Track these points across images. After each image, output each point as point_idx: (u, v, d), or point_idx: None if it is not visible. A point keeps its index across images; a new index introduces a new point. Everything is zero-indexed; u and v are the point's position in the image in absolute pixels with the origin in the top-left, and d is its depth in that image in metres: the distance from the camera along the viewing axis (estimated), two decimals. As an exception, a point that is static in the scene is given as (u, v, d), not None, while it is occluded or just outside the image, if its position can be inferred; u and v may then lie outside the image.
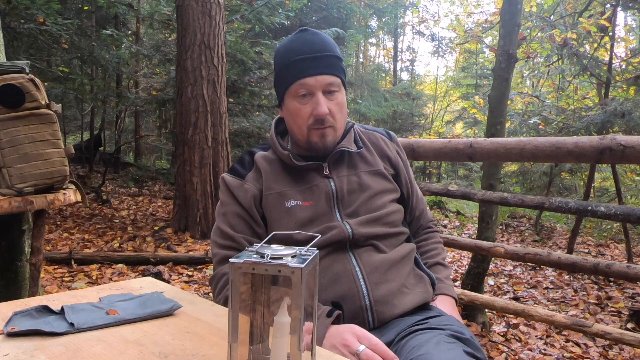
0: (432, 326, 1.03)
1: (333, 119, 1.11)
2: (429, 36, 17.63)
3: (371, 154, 1.22)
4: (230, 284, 0.63)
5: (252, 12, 7.30)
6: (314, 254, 0.66)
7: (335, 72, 1.11)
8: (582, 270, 2.13)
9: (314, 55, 1.09)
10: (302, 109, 1.10)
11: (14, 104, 1.88)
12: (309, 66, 1.08)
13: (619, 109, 4.81)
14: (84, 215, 6.38)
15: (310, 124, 1.10)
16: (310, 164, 1.15)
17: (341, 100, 1.13)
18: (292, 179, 1.15)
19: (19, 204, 1.85)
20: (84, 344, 0.78)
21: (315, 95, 1.09)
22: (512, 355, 2.63)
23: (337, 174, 1.16)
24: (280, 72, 1.13)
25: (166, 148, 11.85)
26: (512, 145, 2.12)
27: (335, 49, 1.13)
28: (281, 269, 0.60)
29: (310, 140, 1.12)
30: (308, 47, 1.09)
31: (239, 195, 1.14)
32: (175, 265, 4.32)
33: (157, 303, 0.95)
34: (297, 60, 1.09)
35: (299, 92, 1.10)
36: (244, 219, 1.14)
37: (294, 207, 1.12)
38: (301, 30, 1.14)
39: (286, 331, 0.62)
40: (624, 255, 5.07)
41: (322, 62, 1.09)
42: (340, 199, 1.14)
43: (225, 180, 1.18)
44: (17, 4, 5.44)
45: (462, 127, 13.60)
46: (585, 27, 5.23)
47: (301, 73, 1.08)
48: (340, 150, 1.16)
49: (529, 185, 7.71)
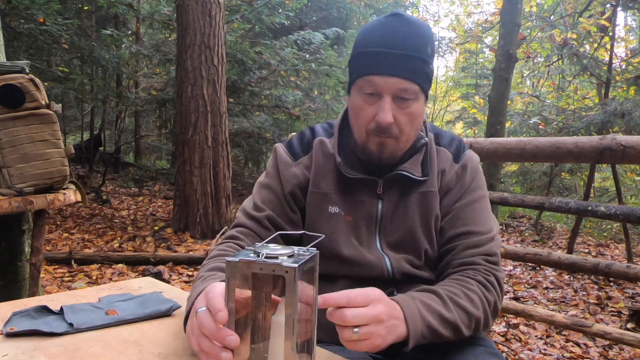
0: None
1: (399, 130, 0.94)
2: (429, 36, 17.61)
3: (433, 179, 1.03)
4: (226, 281, 0.63)
5: (252, 12, 7.30)
6: (312, 254, 0.65)
7: (412, 77, 0.91)
8: (582, 270, 2.13)
9: (393, 52, 0.90)
10: (365, 109, 0.95)
11: (14, 104, 1.88)
12: (381, 63, 0.91)
13: (619, 109, 4.81)
14: (84, 215, 6.38)
15: (370, 129, 0.95)
16: (363, 178, 1.00)
17: (414, 110, 0.94)
18: (343, 183, 1.02)
19: (19, 204, 1.85)
20: (83, 344, 0.78)
21: (383, 98, 0.92)
22: (512, 355, 2.63)
23: (388, 196, 1.01)
24: (353, 59, 0.97)
25: (166, 148, 11.85)
26: (512, 145, 2.12)
27: (424, 48, 0.93)
28: (275, 268, 0.60)
29: (367, 146, 0.97)
30: (389, 40, 0.91)
31: (284, 174, 1.03)
32: (175, 265, 4.33)
33: (157, 303, 0.95)
34: (371, 52, 0.92)
35: (365, 89, 0.94)
36: (279, 199, 1.02)
37: (336, 214, 1.01)
38: (393, 14, 0.94)
39: (282, 329, 0.62)
40: (624, 255, 5.07)
41: (401, 61, 0.90)
42: (384, 225, 1.01)
43: (277, 151, 1.06)
44: (17, 4, 5.44)
45: (462, 127, 13.61)
46: (585, 27, 5.23)
47: (371, 69, 0.92)
48: (399, 174, 0.99)
49: (529, 185, 7.71)
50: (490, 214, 1.04)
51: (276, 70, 7.74)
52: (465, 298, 0.87)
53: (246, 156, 9.75)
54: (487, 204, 1.04)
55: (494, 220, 1.04)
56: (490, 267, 0.95)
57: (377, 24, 0.95)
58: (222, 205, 5.66)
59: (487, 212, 1.03)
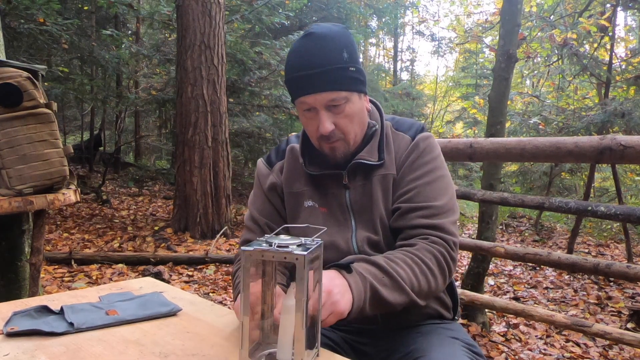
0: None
1: (342, 132, 1.06)
2: (429, 36, 17.65)
3: (391, 162, 1.12)
4: (242, 268, 0.70)
5: (252, 12, 7.30)
6: (318, 244, 0.73)
7: (335, 87, 1.01)
8: (582, 270, 2.13)
9: (311, 72, 1.00)
10: (309, 124, 1.07)
11: (12, 103, 1.87)
12: (306, 84, 1.02)
13: (619, 109, 4.81)
14: (84, 215, 6.38)
15: (319, 137, 1.07)
16: (328, 173, 1.12)
17: (350, 111, 1.05)
18: (312, 180, 1.14)
19: (19, 204, 1.84)
20: (84, 343, 0.78)
21: (318, 112, 1.04)
22: (512, 355, 2.63)
23: (354, 184, 1.12)
24: (286, 84, 1.09)
25: (166, 148, 11.85)
26: (512, 145, 2.12)
27: (338, 57, 1.02)
28: (287, 256, 0.67)
29: (323, 151, 1.10)
30: (307, 62, 1.01)
31: (264, 183, 1.19)
32: (175, 265, 4.33)
33: (157, 305, 0.95)
34: (294, 77, 1.04)
35: (303, 107, 1.06)
36: (269, 204, 1.17)
37: (311, 207, 1.13)
38: (305, 35, 1.04)
39: (292, 311, 0.69)
40: (624, 255, 5.07)
41: (321, 78, 1.01)
42: (356, 211, 1.11)
43: (257, 166, 1.23)
44: (17, 4, 5.44)
45: (462, 127, 13.60)
46: (585, 27, 5.23)
47: (300, 91, 1.03)
48: (357, 162, 1.10)
49: (529, 185, 7.71)
50: (444, 189, 1.09)
51: (276, 70, 7.74)
52: (403, 263, 0.96)
53: (246, 156, 9.75)
54: (441, 180, 1.09)
55: (448, 195, 1.09)
56: (436, 234, 1.03)
57: (294, 49, 1.06)
58: (222, 205, 5.66)
59: (438, 186, 1.08)
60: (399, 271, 0.94)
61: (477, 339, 2.81)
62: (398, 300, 0.94)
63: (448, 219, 1.05)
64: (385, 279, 0.93)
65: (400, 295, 0.94)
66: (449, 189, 1.10)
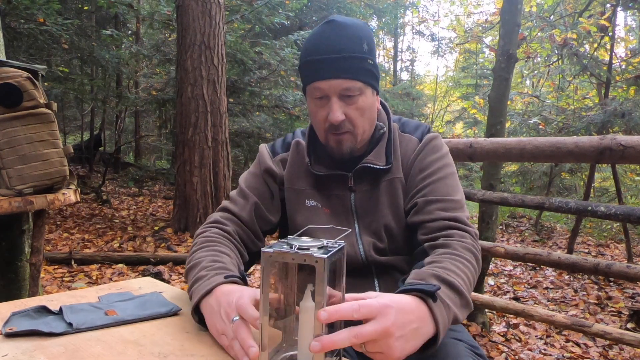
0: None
1: (352, 124, 1.03)
2: (428, 36, 17.67)
3: (398, 166, 1.10)
4: (262, 270, 0.68)
5: (252, 12, 7.30)
6: (340, 246, 0.70)
7: (352, 76, 1.00)
8: (582, 270, 2.13)
9: (330, 57, 0.99)
10: (318, 112, 1.04)
11: (12, 103, 1.87)
12: (322, 69, 1.00)
13: (619, 109, 4.81)
14: (84, 215, 6.38)
15: (327, 128, 1.04)
16: (334, 174, 1.09)
17: (362, 104, 1.02)
18: (316, 180, 1.11)
19: (19, 204, 1.84)
20: (83, 344, 0.78)
21: (331, 100, 1.01)
22: (512, 355, 2.63)
23: (360, 188, 1.09)
24: (300, 69, 1.07)
25: (166, 148, 11.85)
26: (512, 145, 2.13)
27: (359, 47, 1.01)
28: (306, 258, 0.66)
29: (328, 144, 1.07)
30: (325, 46, 0.99)
31: (264, 164, 1.15)
32: (175, 265, 4.32)
33: (157, 305, 0.95)
34: (312, 61, 1.01)
35: (315, 94, 1.03)
36: (265, 186, 1.14)
37: (314, 206, 1.10)
38: (327, 21, 1.03)
39: (310, 314, 0.68)
40: (624, 255, 5.07)
41: (338, 64, 0.99)
42: (361, 215, 1.09)
43: (260, 150, 1.19)
44: (17, 4, 5.44)
45: (462, 127, 13.62)
46: (585, 27, 5.23)
47: (315, 75, 1.01)
48: (364, 166, 1.07)
49: (529, 185, 7.71)
50: (456, 186, 1.07)
51: (276, 70, 7.74)
52: (462, 274, 0.88)
53: (246, 156, 9.75)
54: (452, 177, 1.08)
55: (461, 192, 1.08)
56: (461, 227, 0.99)
57: (313, 33, 1.04)
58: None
59: (450, 182, 1.06)
60: (464, 286, 0.86)
61: (477, 339, 2.80)
62: (465, 316, 0.85)
63: (464, 214, 1.03)
64: (457, 298, 0.83)
65: (467, 310, 0.86)
66: (460, 186, 1.09)
